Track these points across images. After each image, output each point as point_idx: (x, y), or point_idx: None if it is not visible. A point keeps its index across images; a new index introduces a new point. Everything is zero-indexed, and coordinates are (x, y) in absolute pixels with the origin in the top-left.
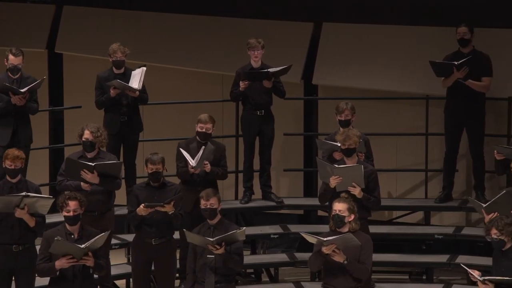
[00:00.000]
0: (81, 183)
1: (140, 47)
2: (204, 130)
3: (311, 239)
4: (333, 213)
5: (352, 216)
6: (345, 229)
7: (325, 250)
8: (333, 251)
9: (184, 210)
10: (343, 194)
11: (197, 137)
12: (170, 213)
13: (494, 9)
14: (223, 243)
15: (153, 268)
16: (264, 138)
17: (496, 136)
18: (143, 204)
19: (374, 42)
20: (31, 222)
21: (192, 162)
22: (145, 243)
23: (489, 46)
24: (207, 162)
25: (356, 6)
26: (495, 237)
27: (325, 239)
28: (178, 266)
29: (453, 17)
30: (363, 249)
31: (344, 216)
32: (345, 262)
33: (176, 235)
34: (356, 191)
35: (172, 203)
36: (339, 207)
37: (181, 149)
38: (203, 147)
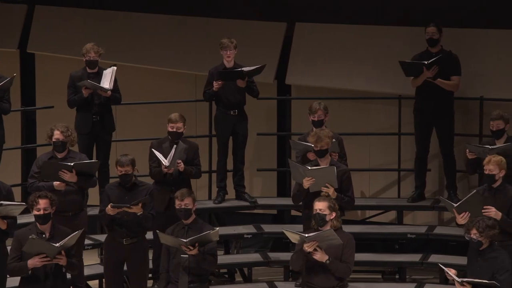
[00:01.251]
0: (54, 183)
1: (112, 47)
2: (175, 129)
3: (293, 236)
4: (314, 212)
5: (333, 214)
6: (327, 227)
7: (306, 247)
8: (315, 249)
9: (158, 210)
10: (323, 193)
11: (169, 137)
12: (139, 214)
13: (462, 9)
14: (197, 244)
15: (125, 268)
16: (238, 138)
17: (467, 136)
18: (110, 204)
19: (347, 42)
20: (3, 225)
21: (165, 161)
22: (117, 243)
23: (458, 46)
24: (180, 161)
25: (329, 6)
26: (475, 237)
27: (306, 235)
28: (151, 266)
29: (424, 17)
30: (346, 247)
31: (325, 215)
32: (327, 261)
33: (150, 235)
34: (330, 191)
35: (140, 204)
36: (319, 206)
37: (153, 149)
38: (175, 146)
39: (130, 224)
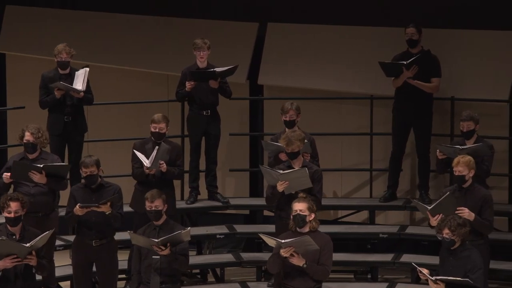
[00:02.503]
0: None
1: (84, 47)
2: (157, 130)
3: (270, 241)
4: (293, 213)
5: (313, 215)
6: (306, 228)
7: (283, 253)
8: (291, 254)
9: (140, 210)
10: (301, 194)
11: (152, 137)
12: (107, 213)
13: (433, 10)
14: (168, 244)
15: (94, 269)
16: (210, 138)
17: (440, 136)
18: (78, 204)
19: (319, 42)
20: None
21: (146, 163)
22: (85, 244)
23: (429, 46)
24: (162, 162)
25: (301, 6)
26: (447, 237)
27: (283, 241)
28: (125, 267)
29: (398, 18)
30: (324, 250)
31: (305, 216)
32: (304, 265)
33: (119, 235)
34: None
35: (109, 203)
36: (299, 207)
37: (135, 150)
38: (157, 147)
39: (99, 225)
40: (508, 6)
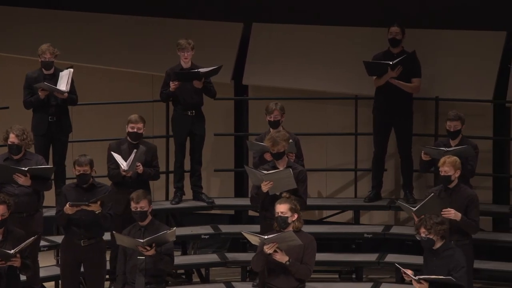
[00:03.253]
0: None
1: (69, 47)
2: (135, 130)
3: (253, 238)
4: (276, 215)
5: (295, 216)
6: (289, 228)
7: (266, 249)
8: (275, 251)
9: (116, 212)
10: (284, 194)
11: (128, 138)
12: (97, 212)
13: (418, 10)
14: (154, 244)
15: (82, 269)
16: (195, 139)
17: (424, 136)
18: (69, 203)
19: (304, 42)
20: None
21: (123, 165)
22: (74, 244)
23: (413, 46)
24: (139, 164)
25: (285, 6)
26: (424, 236)
27: (266, 237)
28: (108, 267)
29: (382, 18)
30: (307, 249)
31: (287, 217)
32: (287, 263)
33: (107, 236)
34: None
35: (99, 202)
36: (281, 208)
37: (112, 152)
38: (135, 150)
39: (88, 225)
40: (492, 6)
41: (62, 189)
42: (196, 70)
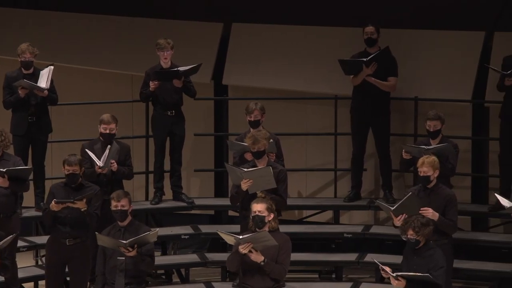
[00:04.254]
0: None
1: (48, 47)
2: (108, 131)
3: (228, 238)
4: (252, 214)
5: (272, 215)
6: (265, 228)
7: (241, 249)
8: (250, 251)
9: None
10: (260, 194)
11: (101, 138)
12: (82, 210)
13: (397, 10)
14: (135, 245)
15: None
16: (175, 139)
17: (403, 136)
18: (54, 200)
19: (283, 42)
20: None
21: (99, 162)
22: (59, 243)
23: (393, 46)
24: (113, 161)
25: (265, 7)
26: (411, 237)
27: (241, 236)
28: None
29: (362, 18)
30: (282, 249)
31: (264, 216)
32: (262, 263)
33: None
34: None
35: (84, 200)
36: (258, 207)
37: (87, 150)
38: (109, 146)
39: (73, 224)
40: (470, 7)
41: (51, 188)
42: (176, 69)
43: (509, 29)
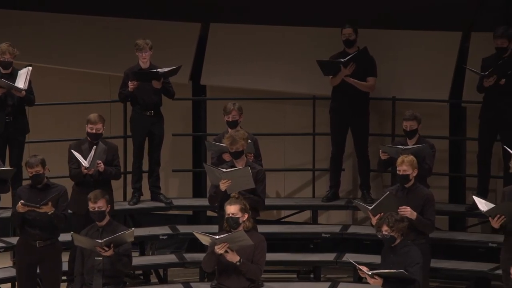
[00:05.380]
0: None
1: (26, 48)
2: (94, 130)
3: (204, 238)
4: (226, 216)
5: (246, 215)
6: (240, 228)
7: (218, 250)
8: (226, 251)
9: (78, 212)
10: (233, 194)
11: (88, 138)
12: (49, 213)
13: (375, 10)
14: (112, 245)
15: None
16: (154, 139)
17: (380, 136)
18: (21, 201)
19: (262, 43)
20: None
21: (84, 162)
22: (29, 245)
23: (370, 46)
24: (100, 161)
25: (243, 7)
26: (386, 233)
27: (217, 237)
28: (66, 268)
29: (340, 18)
30: (257, 249)
31: (238, 217)
32: (238, 263)
33: (66, 237)
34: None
35: (50, 203)
36: (231, 209)
37: (72, 150)
38: (95, 146)
39: (43, 226)
40: (447, 7)
41: (17, 191)
42: (155, 70)
43: (486, 29)
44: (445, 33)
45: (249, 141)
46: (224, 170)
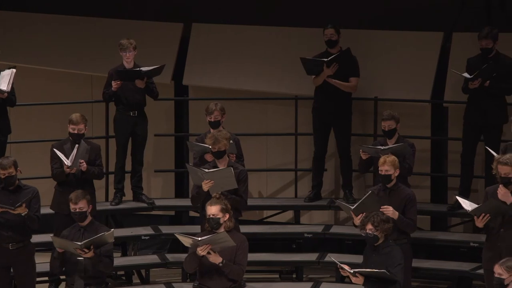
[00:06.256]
0: None
1: (8, 48)
2: (76, 131)
3: (186, 240)
4: (207, 217)
5: (227, 216)
6: (221, 229)
7: (200, 251)
8: (208, 252)
9: (62, 211)
10: (214, 195)
11: (70, 138)
12: (23, 214)
13: (356, 11)
14: (92, 246)
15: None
16: (137, 139)
17: (363, 136)
18: None
19: (244, 43)
20: None
21: (67, 162)
22: (2, 248)
23: (352, 47)
24: (82, 161)
25: (225, 7)
26: (370, 232)
27: (199, 239)
28: (46, 269)
29: (322, 18)
30: (239, 249)
31: (219, 218)
32: (221, 264)
33: (48, 238)
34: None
35: (24, 205)
36: (212, 210)
37: (55, 149)
38: (77, 145)
39: (15, 228)
40: (429, 7)
41: None
42: (138, 69)
43: (467, 29)
44: (427, 33)
45: (231, 141)
46: (207, 170)
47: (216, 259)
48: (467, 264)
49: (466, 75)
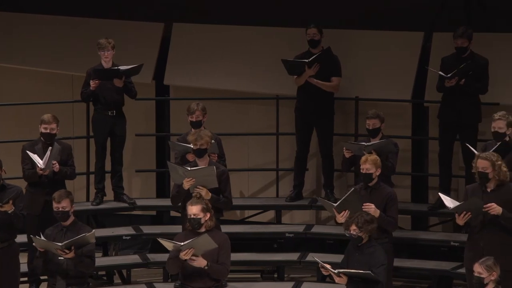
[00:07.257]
0: None
1: None
2: (48, 130)
3: (168, 244)
4: (188, 217)
5: (208, 215)
6: (202, 228)
7: (183, 256)
8: (191, 259)
9: (33, 212)
10: (194, 194)
11: (42, 138)
12: (9, 212)
13: (338, 11)
14: (73, 247)
15: None
16: (116, 139)
17: (344, 135)
18: None
19: (225, 43)
20: None
21: (40, 163)
22: None
23: (333, 46)
24: (55, 162)
25: (206, 7)
26: (354, 233)
27: (182, 243)
28: (26, 269)
29: (303, 18)
30: (222, 249)
31: (200, 218)
32: (206, 267)
33: (24, 238)
34: (203, 192)
35: (11, 202)
36: (193, 210)
37: (27, 151)
38: (50, 148)
39: (0, 228)
40: (410, 8)
41: None
42: (116, 68)
43: (448, 29)
44: (407, 33)
45: (213, 141)
46: (189, 168)
47: (201, 263)
48: (448, 263)
49: (442, 73)
